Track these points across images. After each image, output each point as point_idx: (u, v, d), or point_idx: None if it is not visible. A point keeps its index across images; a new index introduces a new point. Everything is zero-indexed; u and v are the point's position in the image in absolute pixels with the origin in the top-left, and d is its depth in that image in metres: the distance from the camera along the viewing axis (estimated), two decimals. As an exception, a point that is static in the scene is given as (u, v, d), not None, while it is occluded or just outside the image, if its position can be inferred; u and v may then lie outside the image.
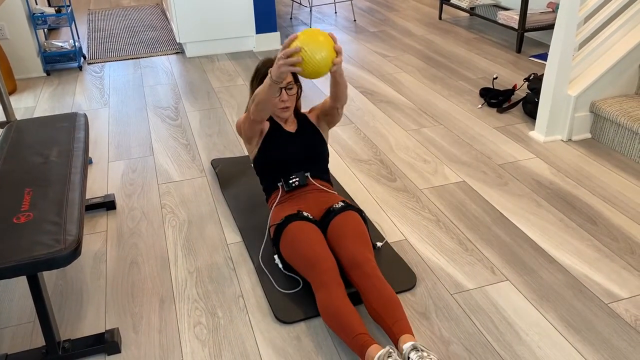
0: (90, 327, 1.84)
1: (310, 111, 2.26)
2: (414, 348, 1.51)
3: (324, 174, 2.20)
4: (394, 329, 1.61)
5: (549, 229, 2.24)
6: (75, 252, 1.45)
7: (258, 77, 2.08)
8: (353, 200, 2.47)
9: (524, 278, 1.98)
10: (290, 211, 2.00)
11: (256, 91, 1.91)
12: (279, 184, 2.12)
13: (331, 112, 2.15)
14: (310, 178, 2.13)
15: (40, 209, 1.60)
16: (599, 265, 2.03)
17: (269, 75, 1.80)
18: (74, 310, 1.91)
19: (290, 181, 2.09)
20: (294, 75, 2.06)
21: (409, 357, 1.50)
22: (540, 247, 2.14)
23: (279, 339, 1.76)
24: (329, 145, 2.97)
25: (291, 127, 2.16)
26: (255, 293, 1.96)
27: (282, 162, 2.11)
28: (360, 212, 2.03)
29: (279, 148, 2.11)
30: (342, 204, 2.01)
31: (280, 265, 2.02)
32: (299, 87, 2.11)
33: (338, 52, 1.77)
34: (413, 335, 1.60)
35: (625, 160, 2.73)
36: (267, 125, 2.13)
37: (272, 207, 2.12)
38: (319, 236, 1.89)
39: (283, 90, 2.03)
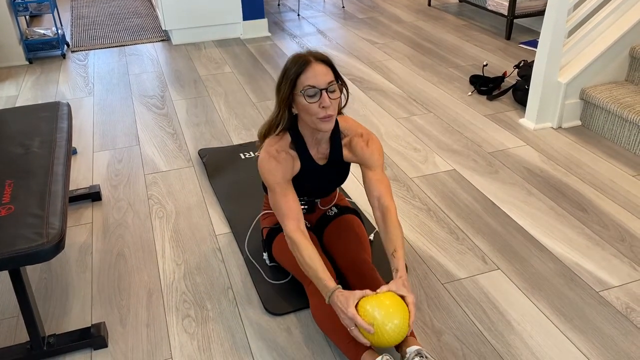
0: (76, 321, 1.80)
1: (350, 141, 1.77)
2: (419, 354, 1.45)
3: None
4: None
5: (540, 217, 2.23)
6: (58, 245, 1.41)
7: (288, 81, 1.59)
8: (344, 191, 2.44)
9: (515, 267, 1.97)
10: None
11: (300, 248, 1.59)
12: None
13: (365, 176, 1.77)
14: (319, 204, 1.97)
15: (21, 201, 1.55)
16: (589, 253, 2.03)
17: (327, 289, 1.52)
18: (59, 304, 1.87)
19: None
20: (336, 73, 1.63)
21: None
22: (531, 236, 2.13)
23: (269, 331, 1.74)
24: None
25: (322, 157, 1.78)
26: (245, 285, 1.93)
27: (301, 192, 1.85)
28: (355, 212, 1.97)
29: (304, 183, 1.81)
30: (336, 210, 1.96)
31: (267, 262, 1.99)
32: (344, 86, 1.66)
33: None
34: (416, 338, 1.55)
35: (615, 147, 2.73)
36: (297, 165, 1.74)
37: (267, 207, 2.00)
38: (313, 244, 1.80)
39: (324, 93, 1.55)
